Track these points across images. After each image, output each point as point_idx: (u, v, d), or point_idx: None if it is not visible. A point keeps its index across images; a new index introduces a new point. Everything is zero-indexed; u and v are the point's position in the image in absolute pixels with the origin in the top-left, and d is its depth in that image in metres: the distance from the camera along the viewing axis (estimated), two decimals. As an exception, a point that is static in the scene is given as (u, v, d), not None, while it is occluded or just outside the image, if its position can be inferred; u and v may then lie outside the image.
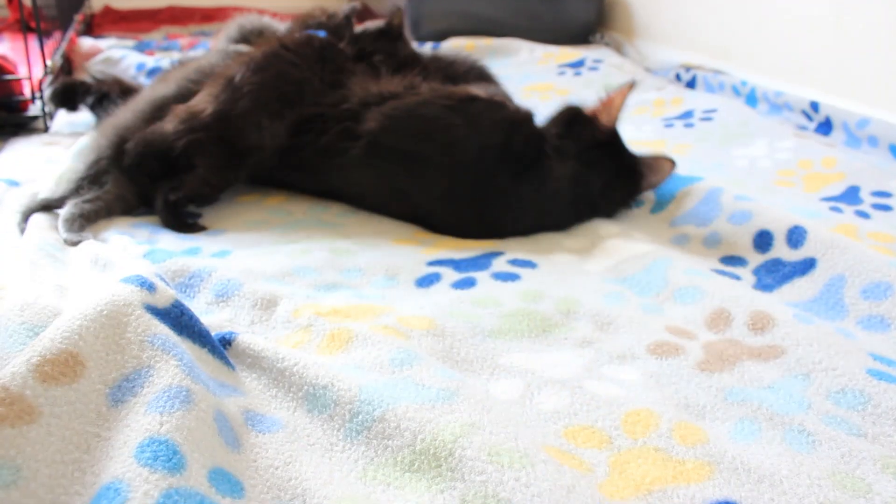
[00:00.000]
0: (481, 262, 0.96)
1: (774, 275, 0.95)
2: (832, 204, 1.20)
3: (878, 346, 0.80)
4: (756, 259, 0.98)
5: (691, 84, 1.98)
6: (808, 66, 1.75)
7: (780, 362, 0.76)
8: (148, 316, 0.65)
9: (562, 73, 2.03)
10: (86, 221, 1.04)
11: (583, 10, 2.52)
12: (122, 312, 0.64)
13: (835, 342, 0.77)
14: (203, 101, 1.13)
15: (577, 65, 2.06)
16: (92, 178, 1.11)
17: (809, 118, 1.61)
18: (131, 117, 1.17)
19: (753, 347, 0.79)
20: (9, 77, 1.50)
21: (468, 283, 0.90)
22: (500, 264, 0.95)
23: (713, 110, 1.65)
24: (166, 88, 1.23)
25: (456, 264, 0.96)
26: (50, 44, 1.73)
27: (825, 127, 1.57)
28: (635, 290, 0.91)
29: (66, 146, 1.40)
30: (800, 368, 0.75)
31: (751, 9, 1.95)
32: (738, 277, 0.95)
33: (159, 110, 1.17)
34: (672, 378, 0.75)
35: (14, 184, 1.19)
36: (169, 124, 1.11)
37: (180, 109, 1.13)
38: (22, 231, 1.02)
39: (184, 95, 1.20)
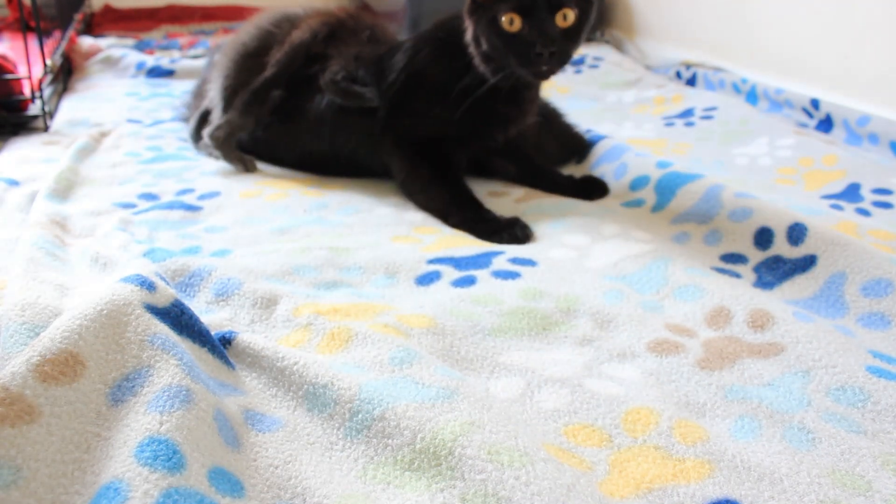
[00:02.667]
0: (481, 260, 0.96)
1: (775, 272, 0.95)
2: (833, 201, 1.20)
3: (878, 344, 0.80)
4: (757, 256, 0.98)
5: (692, 82, 1.98)
6: (809, 64, 1.75)
7: (779, 360, 0.76)
8: (148, 315, 0.65)
9: (562, 71, 2.03)
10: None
11: (583, 8, 2.51)
12: (122, 312, 0.64)
13: (834, 339, 0.77)
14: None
15: (578, 62, 2.06)
16: (226, 102, 1.34)
17: (810, 116, 1.61)
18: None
19: (753, 345, 0.79)
20: (9, 76, 1.50)
21: (468, 282, 0.90)
22: (500, 262, 0.95)
23: (713, 108, 1.65)
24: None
25: (456, 262, 0.96)
26: (50, 43, 1.73)
27: (826, 124, 1.57)
28: (635, 287, 0.91)
29: (65, 145, 1.40)
30: (799, 366, 0.75)
31: (751, 6, 1.94)
32: (738, 275, 0.95)
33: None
34: (672, 376, 0.75)
35: (14, 183, 1.19)
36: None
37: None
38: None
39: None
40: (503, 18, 1.06)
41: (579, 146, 1.41)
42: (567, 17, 1.07)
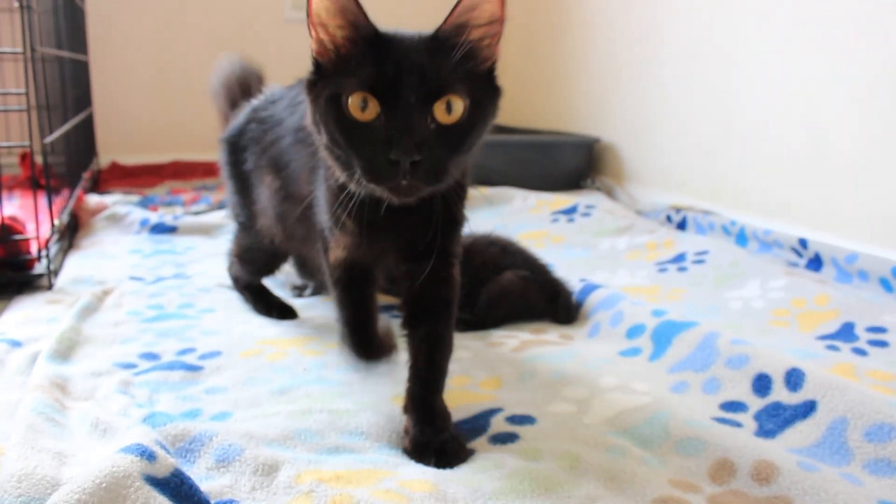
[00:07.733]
0: (479, 421, 0.95)
1: (776, 419, 0.95)
2: (828, 342, 1.21)
3: (888, 492, 0.79)
4: (756, 403, 0.98)
5: (682, 225, 2.02)
6: (794, 205, 1.81)
7: (787, 515, 0.75)
8: (147, 488, 0.65)
9: (555, 220, 2.08)
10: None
11: (574, 157, 2.63)
12: (121, 485, 0.64)
13: (842, 490, 0.76)
14: None
15: (570, 211, 2.11)
16: None
17: (799, 255, 1.65)
18: None
19: (759, 498, 0.78)
20: (17, 237, 1.54)
21: (467, 450, 0.90)
22: (498, 423, 0.94)
23: (705, 252, 1.68)
24: None
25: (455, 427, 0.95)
26: (58, 201, 1.78)
27: (815, 263, 1.60)
28: (636, 442, 0.90)
29: (68, 304, 1.42)
30: (808, 521, 0.74)
31: (735, 150, 2.03)
32: (739, 424, 0.95)
33: None
34: (679, 536, 0.73)
35: (16, 344, 1.20)
36: None
37: None
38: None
39: None
40: (350, 100, 0.74)
41: (566, 304, 1.38)
42: (452, 109, 0.74)
